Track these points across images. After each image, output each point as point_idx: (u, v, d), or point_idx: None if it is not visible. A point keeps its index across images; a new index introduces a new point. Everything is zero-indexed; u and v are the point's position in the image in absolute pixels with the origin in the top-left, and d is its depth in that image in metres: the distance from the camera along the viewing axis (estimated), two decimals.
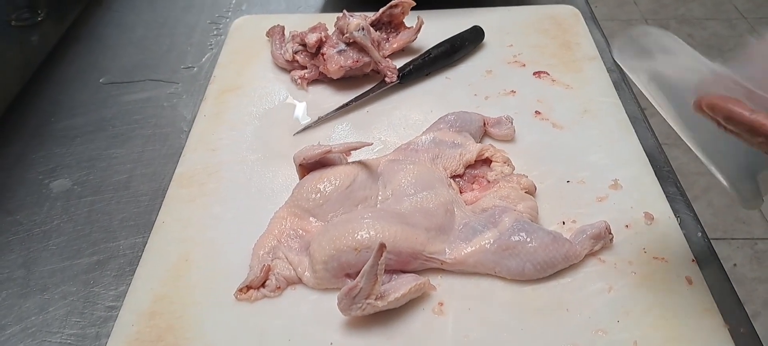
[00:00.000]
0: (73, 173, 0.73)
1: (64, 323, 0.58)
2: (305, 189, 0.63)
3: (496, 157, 0.66)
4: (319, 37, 0.81)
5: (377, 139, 0.74)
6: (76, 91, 0.86)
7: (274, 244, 0.61)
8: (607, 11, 2.79)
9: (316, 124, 0.77)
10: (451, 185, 0.65)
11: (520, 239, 0.57)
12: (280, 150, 0.74)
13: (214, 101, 0.81)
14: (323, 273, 0.57)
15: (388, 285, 0.56)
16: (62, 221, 0.68)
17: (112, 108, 0.83)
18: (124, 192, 0.71)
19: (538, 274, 0.57)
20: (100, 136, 0.78)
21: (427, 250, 0.58)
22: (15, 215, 0.69)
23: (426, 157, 0.67)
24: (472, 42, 0.87)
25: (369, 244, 0.56)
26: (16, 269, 0.63)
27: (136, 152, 0.76)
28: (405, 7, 0.86)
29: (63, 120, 0.81)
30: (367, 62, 0.81)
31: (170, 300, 0.58)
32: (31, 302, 0.60)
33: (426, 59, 0.83)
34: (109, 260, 0.63)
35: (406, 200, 0.61)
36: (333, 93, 0.82)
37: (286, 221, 0.62)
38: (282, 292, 0.58)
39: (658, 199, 0.64)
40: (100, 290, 0.61)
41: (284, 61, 0.85)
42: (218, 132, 0.76)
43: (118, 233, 0.66)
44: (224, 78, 0.85)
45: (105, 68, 0.88)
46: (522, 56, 0.86)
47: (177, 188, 0.69)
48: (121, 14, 1.03)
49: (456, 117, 0.71)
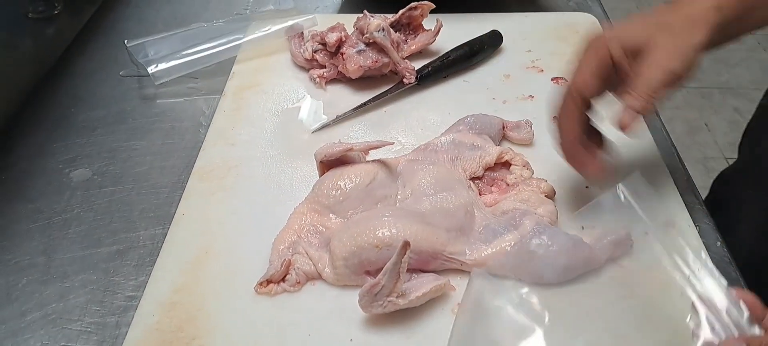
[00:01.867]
0: (93, 164, 0.74)
1: (84, 311, 0.59)
2: (326, 186, 0.63)
3: (516, 160, 0.67)
4: (339, 37, 0.82)
5: (394, 140, 0.75)
6: (96, 84, 0.87)
7: (294, 239, 0.61)
8: (618, 19, 2.79)
9: (334, 122, 0.78)
10: (471, 187, 0.65)
11: (541, 243, 0.57)
12: (298, 147, 0.74)
13: (233, 97, 0.82)
14: (343, 269, 0.57)
15: (409, 284, 0.56)
16: (82, 210, 0.68)
17: (132, 101, 0.83)
18: (143, 183, 0.71)
19: (558, 278, 0.57)
20: (120, 129, 0.79)
21: (448, 250, 0.58)
22: (36, 203, 0.69)
23: (445, 158, 0.67)
24: (490, 46, 0.87)
25: (390, 242, 0.56)
26: (37, 256, 0.63)
27: (155, 145, 0.76)
28: (424, 10, 0.87)
29: (83, 112, 0.82)
30: (386, 63, 0.82)
31: (190, 292, 0.58)
32: (51, 289, 0.60)
33: (444, 62, 0.84)
34: (129, 250, 0.64)
35: (425, 199, 0.62)
36: (351, 92, 0.83)
37: (306, 216, 0.63)
38: (302, 287, 0.59)
39: (677, 207, 0.64)
40: (120, 280, 0.61)
41: (303, 60, 0.85)
42: (237, 127, 0.77)
43: (137, 223, 0.67)
44: (243, 75, 0.86)
45: (124, 62, 0.88)
46: (540, 62, 0.86)
47: (197, 182, 0.70)
48: (141, 10, 1.03)
49: (475, 119, 0.72)
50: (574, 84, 0.58)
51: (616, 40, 0.57)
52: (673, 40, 0.56)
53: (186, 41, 0.87)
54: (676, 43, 0.56)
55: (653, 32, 0.57)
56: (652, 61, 0.55)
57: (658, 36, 0.56)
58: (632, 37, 0.57)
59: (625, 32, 0.58)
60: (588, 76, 0.58)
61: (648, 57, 0.56)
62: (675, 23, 0.57)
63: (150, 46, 0.86)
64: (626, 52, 0.57)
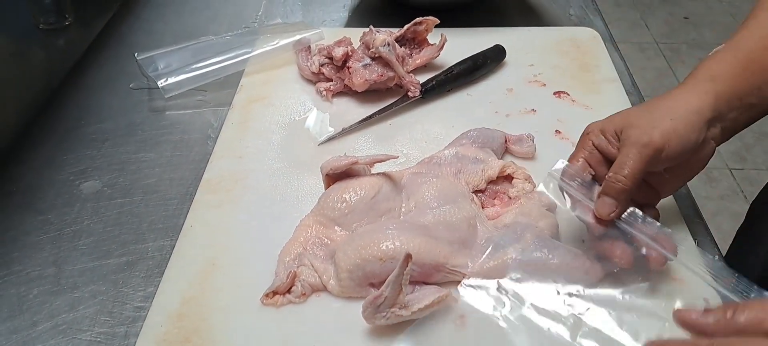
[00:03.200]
0: (103, 175, 0.75)
1: (94, 322, 0.60)
2: (331, 198, 0.64)
3: (518, 174, 0.68)
4: (345, 51, 0.83)
5: (399, 152, 0.76)
6: (106, 96, 0.88)
7: (299, 251, 0.62)
8: (619, 33, 2.81)
9: (340, 135, 0.79)
10: (473, 200, 0.66)
11: (541, 256, 0.58)
12: (305, 160, 0.75)
13: (241, 110, 0.83)
14: (348, 281, 0.58)
15: (412, 296, 0.57)
16: (92, 221, 0.69)
17: (141, 113, 0.85)
18: (152, 195, 0.72)
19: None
20: (129, 141, 0.80)
21: (450, 263, 0.59)
22: (46, 215, 0.70)
23: (449, 171, 0.68)
24: (493, 60, 0.89)
25: (394, 254, 0.57)
26: (47, 267, 0.65)
27: (164, 157, 0.78)
28: (429, 25, 0.88)
29: (93, 124, 0.83)
30: (391, 77, 0.83)
31: (198, 303, 0.60)
32: (61, 299, 0.62)
33: (448, 76, 0.85)
34: (138, 262, 0.65)
35: (429, 212, 0.63)
36: (357, 106, 0.84)
37: (312, 229, 0.64)
38: (307, 298, 0.60)
39: (676, 221, 0.65)
40: (129, 291, 0.62)
41: (310, 73, 0.86)
42: (245, 140, 0.78)
43: (146, 235, 0.68)
44: (251, 87, 0.87)
45: (134, 74, 0.90)
46: (542, 76, 0.88)
47: (204, 194, 0.71)
48: (151, 23, 1.05)
49: (478, 133, 0.73)
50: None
51: (597, 127, 0.59)
52: (650, 115, 0.56)
53: (195, 54, 0.89)
54: (653, 117, 0.56)
55: (633, 113, 0.58)
56: (626, 139, 0.56)
57: (636, 116, 0.57)
58: (612, 123, 0.58)
59: (608, 120, 0.59)
60: (577, 167, 0.59)
61: (624, 139, 0.56)
62: (658, 102, 0.58)
63: (160, 59, 0.88)
64: (610, 138, 0.58)
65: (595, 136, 0.58)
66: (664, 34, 2.86)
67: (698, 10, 3.01)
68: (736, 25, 0.65)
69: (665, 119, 0.56)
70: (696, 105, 0.57)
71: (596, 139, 0.58)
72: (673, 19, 2.96)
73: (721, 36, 2.77)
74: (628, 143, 0.55)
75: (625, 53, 0.98)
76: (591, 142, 0.59)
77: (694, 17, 2.97)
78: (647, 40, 2.82)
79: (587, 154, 0.59)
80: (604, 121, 0.59)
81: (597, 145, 0.58)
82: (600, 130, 0.58)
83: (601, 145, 0.58)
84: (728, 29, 2.83)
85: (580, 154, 0.59)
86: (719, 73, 0.58)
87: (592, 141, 0.58)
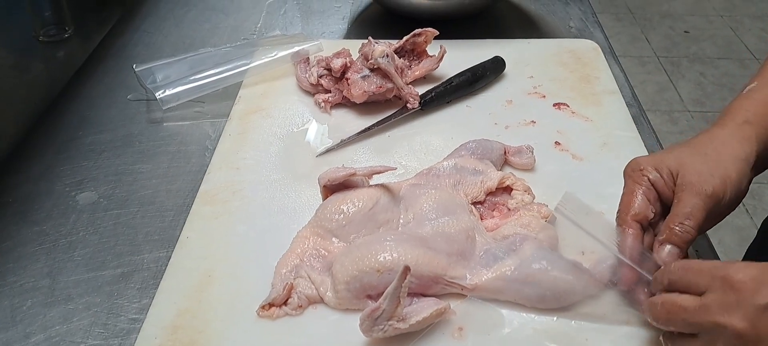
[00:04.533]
0: (99, 187, 0.75)
1: (87, 334, 0.59)
2: (329, 210, 0.64)
3: (517, 185, 0.67)
4: (344, 63, 0.83)
5: (398, 164, 0.75)
6: (103, 107, 0.88)
7: (296, 263, 0.62)
8: (620, 47, 2.82)
9: (339, 146, 0.79)
10: (472, 212, 0.65)
11: (540, 267, 0.57)
12: (303, 171, 0.75)
13: (239, 121, 0.83)
14: (345, 293, 0.58)
15: (410, 308, 0.56)
16: (88, 233, 0.69)
17: (139, 124, 0.84)
18: (149, 207, 0.72)
19: (557, 302, 0.57)
20: (126, 152, 0.80)
21: (448, 275, 0.58)
22: (41, 226, 0.70)
23: (447, 182, 0.68)
24: (493, 72, 0.88)
25: (391, 266, 0.56)
26: (42, 278, 0.64)
27: (161, 168, 0.77)
28: (428, 36, 0.88)
29: (90, 135, 0.83)
30: (390, 88, 0.83)
31: (193, 315, 0.59)
32: (55, 311, 0.61)
33: (447, 87, 0.85)
34: (133, 273, 0.64)
35: (427, 224, 0.62)
36: (355, 117, 0.84)
37: (309, 240, 0.63)
38: (303, 310, 0.59)
39: None
40: (124, 303, 0.62)
41: (309, 85, 0.86)
42: (242, 151, 0.78)
43: (142, 246, 0.67)
44: (249, 99, 0.87)
45: (132, 86, 0.89)
46: (542, 88, 0.87)
47: (201, 205, 0.70)
48: (149, 34, 1.05)
49: (477, 144, 0.72)
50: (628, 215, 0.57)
51: (650, 164, 0.57)
52: (704, 160, 0.56)
53: (193, 66, 0.88)
54: (708, 164, 0.55)
55: (686, 156, 0.57)
56: (686, 185, 0.55)
57: (689, 159, 0.56)
58: (664, 162, 0.57)
59: (658, 158, 0.58)
60: (638, 204, 0.56)
61: (682, 183, 0.55)
62: (705, 144, 0.58)
63: (158, 71, 0.88)
64: (666, 177, 0.57)
65: (651, 173, 0.57)
66: (664, 48, 2.86)
67: (699, 25, 3.02)
68: (737, 39, 0.65)
69: (721, 167, 0.55)
70: (742, 152, 0.57)
71: (653, 175, 0.57)
72: (674, 33, 2.97)
73: (721, 50, 2.79)
74: (690, 191, 0.54)
75: (626, 67, 0.97)
76: (647, 179, 0.57)
77: (694, 31, 2.97)
78: (648, 54, 2.82)
79: (645, 189, 0.57)
80: (654, 158, 0.58)
81: (654, 182, 0.57)
82: (654, 167, 0.57)
83: (659, 183, 0.57)
84: (729, 43, 2.84)
85: (637, 189, 0.57)
86: (756, 116, 0.59)
87: (649, 177, 0.57)
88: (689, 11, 3.11)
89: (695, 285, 0.48)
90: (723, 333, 0.45)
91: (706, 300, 0.47)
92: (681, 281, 0.49)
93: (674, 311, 0.49)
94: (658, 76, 2.69)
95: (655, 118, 2.42)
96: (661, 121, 2.43)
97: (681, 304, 0.48)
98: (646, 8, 3.14)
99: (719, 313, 0.45)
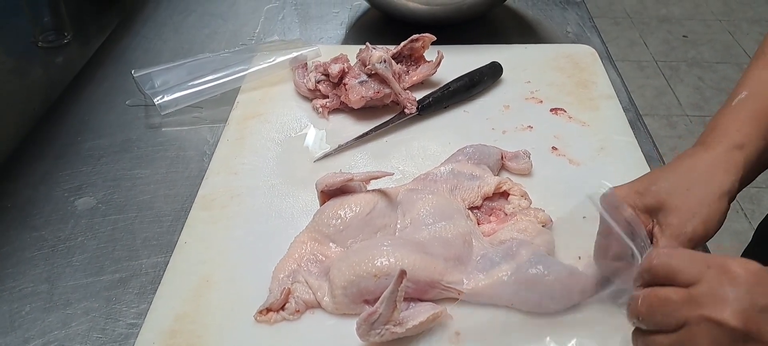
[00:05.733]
0: (97, 192, 0.75)
1: (85, 339, 0.59)
2: (326, 215, 0.64)
3: (514, 190, 0.68)
4: (341, 68, 0.83)
5: (395, 169, 0.76)
6: (102, 112, 0.88)
7: (294, 268, 0.62)
8: (619, 52, 2.82)
9: (336, 152, 0.79)
10: (469, 216, 0.66)
11: (537, 272, 0.57)
12: (301, 176, 0.75)
13: (237, 127, 0.83)
14: (342, 298, 0.58)
15: (406, 313, 0.56)
16: (86, 238, 0.69)
17: (137, 130, 0.85)
18: (147, 212, 0.72)
19: (554, 307, 0.57)
20: (125, 157, 0.80)
21: (445, 279, 0.59)
22: (40, 231, 0.70)
23: (445, 187, 0.68)
24: (490, 77, 0.89)
25: (388, 271, 0.57)
26: (40, 283, 0.64)
27: (160, 173, 0.77)
28: (426, 42, 0.89)
29: (89, 140, 0.83)
30: (388, 93, 0.83)
31: (191, 320, 0.59)
32: (54, 316, 0.61)
33: (445, 92, 0.85)
34: (131, 278, 0.65)
35: (424, 229, 0.62)
36: (353, 122, 0.84)
37: (307, 245, 0.63)
38: (301, 315, 0.59)
39: None
40: (122, 308, 0.62)
41: (306, 90, 0.87)
42: (240, 157, 0.78)
43: (140, 251, 0.67)
44: (247, 104, 0.87)
45: (131, 91, 0.90)
46: (539, 93, 0.88)
47: (199, 210, 0.71)
48: (148, 40, 1.05)
49: (474, 149, 0.73)
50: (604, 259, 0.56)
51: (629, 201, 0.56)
52: (685, 198, 0.54)
53: (192, 72, 0.89)
54: (689, 202, 0.54)
55: (664, 191, 0.55)
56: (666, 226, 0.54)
57: (667, 194, 0.55)
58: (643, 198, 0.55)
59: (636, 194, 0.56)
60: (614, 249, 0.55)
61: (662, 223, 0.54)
62: (688, 173, 0.56)
63: (156, 76, 0.88)
64: (641, 216, 0.55)
65: (626, 212, 0.55)
66: (662, 52, 2.87)
67: (697, 29, 3.02)
68: (735, 43, 0.65)
69: (703, 206, 0.54)
70: (727, 183, 0.55)
71: (628, 213, 0.54)
72: (672, 37, 2.97)
73: (719, 55, 2.79)
74: (669, 234, 0.54)
75: (624, 71, 0.98)
76: (623, 219, 0.54)
77: (693, 36, 2.98)
78: (646, 59, 2.82)
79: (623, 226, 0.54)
80: (632, 194, 0.56)
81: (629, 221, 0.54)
82: (632, 205, 0.55)
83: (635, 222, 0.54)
84: (727, 48, 2.84)
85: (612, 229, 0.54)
86: (748, 137, 0.57)
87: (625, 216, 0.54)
88: (687, 16, 3.12)
89: (684, 274, 0.45)
90: (709, 329, 0.43)
91: (696, 292, 0.44)
92: (667, 267, 0.46)
93: (656, 304, 0.45)
94: (656, 81, 2.69)
95: (653, 123, 2.42)
96: (659, 125, 2.43)
97: (664, 296, 0.45)
98: (644, 13, 3.15)
99: (710, 306, 0.43)
